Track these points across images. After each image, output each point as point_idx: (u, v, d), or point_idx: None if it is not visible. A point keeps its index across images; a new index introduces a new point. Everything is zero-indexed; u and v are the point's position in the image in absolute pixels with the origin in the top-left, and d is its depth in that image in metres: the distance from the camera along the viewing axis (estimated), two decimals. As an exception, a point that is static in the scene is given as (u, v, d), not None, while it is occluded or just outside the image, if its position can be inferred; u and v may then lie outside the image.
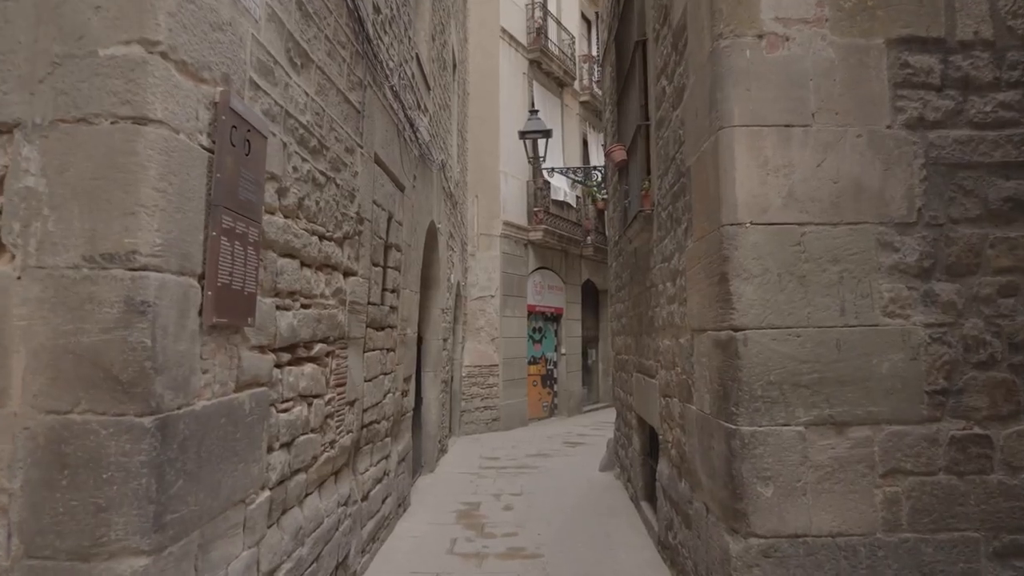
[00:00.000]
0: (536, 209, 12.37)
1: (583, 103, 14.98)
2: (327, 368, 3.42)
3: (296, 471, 2.96)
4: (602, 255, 14.67)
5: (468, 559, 4.47)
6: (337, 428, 3.58)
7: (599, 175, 7.68)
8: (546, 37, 12.90)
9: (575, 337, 14.23)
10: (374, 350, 4.37)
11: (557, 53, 13.42)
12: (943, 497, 2.55)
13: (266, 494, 2.59)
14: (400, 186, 5.04)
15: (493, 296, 11.56)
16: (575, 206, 13.87)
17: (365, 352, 4.13)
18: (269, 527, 2.65)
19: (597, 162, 7.95)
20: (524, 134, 7.95)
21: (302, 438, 3.02)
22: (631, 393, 5.85)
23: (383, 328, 4.63)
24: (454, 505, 5.95)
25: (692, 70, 3.15)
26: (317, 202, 3.17)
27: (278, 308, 2.73)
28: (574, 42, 14.51)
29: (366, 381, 4.16)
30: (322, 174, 3.23)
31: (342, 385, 3.66)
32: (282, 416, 2.78)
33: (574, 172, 8.88)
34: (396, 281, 5.02)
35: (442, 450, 8.46)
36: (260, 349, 2.54)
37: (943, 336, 2.61)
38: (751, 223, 2.64)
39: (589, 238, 14.06)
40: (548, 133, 7.87)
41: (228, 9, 2.20)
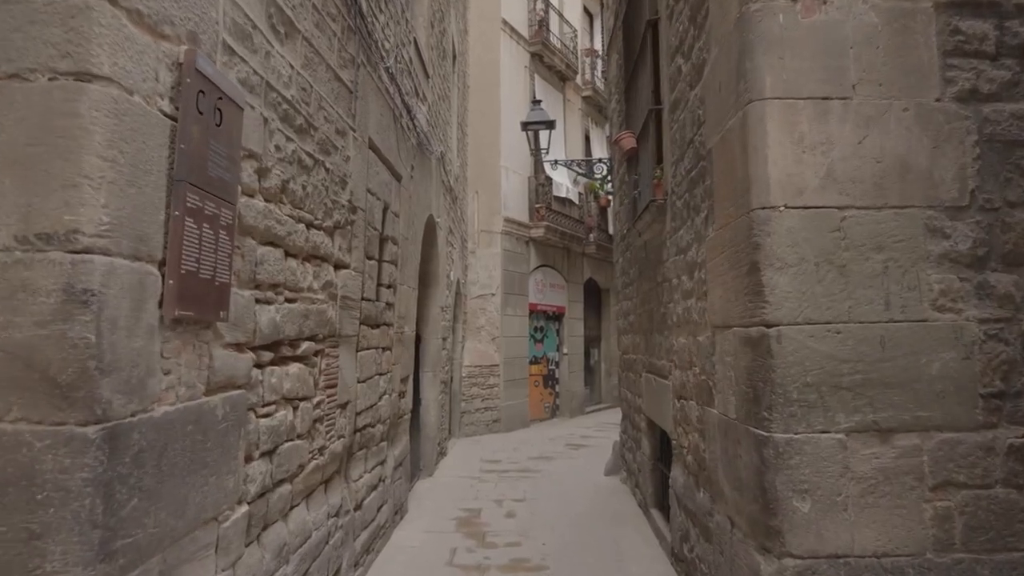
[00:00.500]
0: (538, 205, 12.10)
1: (585, 98, 14.71)
2: (316, 368, 3.15)
3: (280, 482, 2.69)
4: (605, 253, 14.40)
5: (468, 572, 4.20)
6: (327, 433, 3.31)
7: (605, 167, 7.40)
8: (548, 30, 12.63)
9: (577, 337, 13.95)
10: (368, 349, 4.10)
11: (559, 46, 13.15)
12: (1001, 513, 2.28)
13: (243, 509, 2.32)
14: (397, 175, 4.77)
15: (494, 294, 11.29)
16: (577, 203, 13.60)
17: (358, 351, 3.86)
18: (248, 545, 2.37)
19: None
20: (526, 125, 7.67)
21: (286, 445, 2.75)
22: (640, 395, 5.57)
23: (378, 326, 4.36)
24: (454, 512, 5.67)
25: (714, 42, 2.88)
26: (304, 186, 2.90)
27: (258, 302, 2.46)
28: (576, 35, 14.24)
29: (359, 382, 3.89)
30: (309, 156, 2.96)
31: (333, 387, 3.39)
32: (263, 422, 2.51)
33: (578, 165, 8.59)
34: (392, 276, 4.75)
35: (441, 453, 8.19)
36: (236, 347, 2.27)
37: (999, 333, 2.33)
38: (785, 206, 2.36)
39: (592, 236, 13.78)
40: (551, 124, 7.60)
41: (195, -42, 1.93)
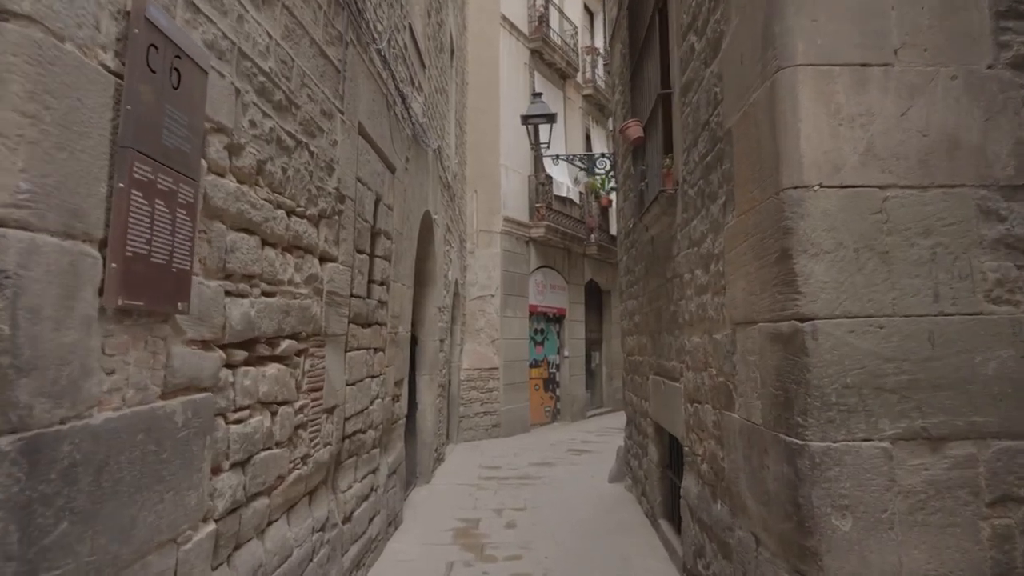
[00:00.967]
0: (538, 205, 11.84)
1: (586, 96, 14.47)
2: (298, 369, 2.88)
3: (255, 495, 2.42)
4: (606, 254, 14.15)
5: (466, 588, 3.93)
6: (311, 440, 3.04)
7: (608, 162, 7.15)
8: (548, 26, 12.39)
9: (578, 339, 13.68)
10: (359, 349, 3.83)
11: (559, 43, 12.91)
12: (1068, 532, 2.01)
13: (209, 528, 2.05)
14: (390, 166, 4.51)
15: (493, 295, 11.02)
16: (578, 203, 13.34)
17: (347, 352, 3.59)
18: (216, 568, 2.11)
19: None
20: (527, 118, 7.42)
21: (263, 455, 2.48)
22: (646, 398, 5.30)
23: (370, 325, 4.09)
24: (451, 522, 5.39)
25: (734, 10, 2.62)
26: (284, 169, 2.64)
27: (229, 294, 2.19)
28: (576, 33, 14.01)
29: (348, 385, 3.62)
30: (291, 136, 2.70)
31: (318, 390, 3.12)
32: (234, 429, 2.24)
33: (580, 160, 8.33)
34: (385, 273, 4.49)
35: (439, 459, 7.91)
36: (201, 344, 2.01)
37: (1063, 327, 2.07)
38: (820, 186, 2.10)
39: (593, 236, 13.52)
40: (552, 118, 7.35)
41: None
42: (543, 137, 7.65)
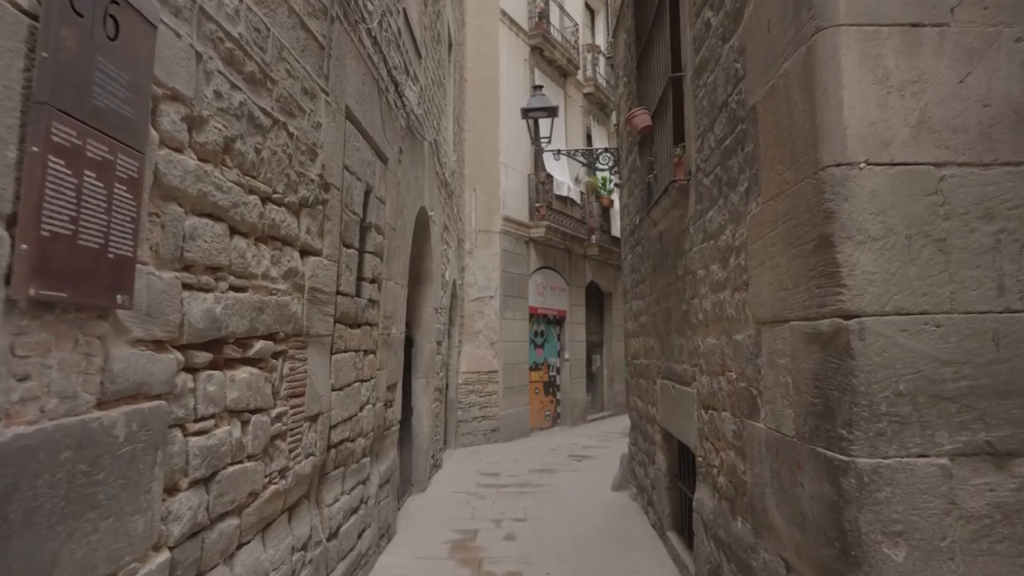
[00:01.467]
0: (538, 204, 11.56)
1: (587, 95, 14.20)
2: (275, 373, 2.60)
3: (221, 516, 2.14)
4: (607, 255, 13.88)
5: (462, 609, 3.64)
6: (291, 452, 2.76)
7: (612, 158, 6.89)
8: (548, 22, 12.12)
9: (579, 342, 13.39)
10: (347, 351, 3.55)
11: (560, 40, 12.64)
12: None
13: (162, 557, 1.77)
14: (382, 156, 4.23)
15: (492, 297, 10.73)
16: (579, 202, 13.06)
17: (333, 354, 3.32)
18: (171, 603, 1.82)
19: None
20: (527, 111, 7.15)
21: (231, 469, 2.20)
22: (653, 403, 5.02)
23: (359, 325, 3.81)
24: (447, 534, 5.11)
25: (760, -27, 2.36)
26: (257, 150, 2.36)
27: (188, 287, 1.92)
28: (578, 30, 13.75)
29: (335, 390, 3.34)
30: (266, 114, 2.42)
31: (299, 395, 2.85)
32: (195, 441, 1.97)
33: (582, 155, 8.06)
34: (377, 270, 4.21)
35: (435, 465, 7.62)
36: (152, 345, 1.73)
37: None
38: (867, 163, 1.83)
39: (594, 236, 13.23)
40: (554, 111, 7.08)
41: None
42: (543, 131, 7.38)
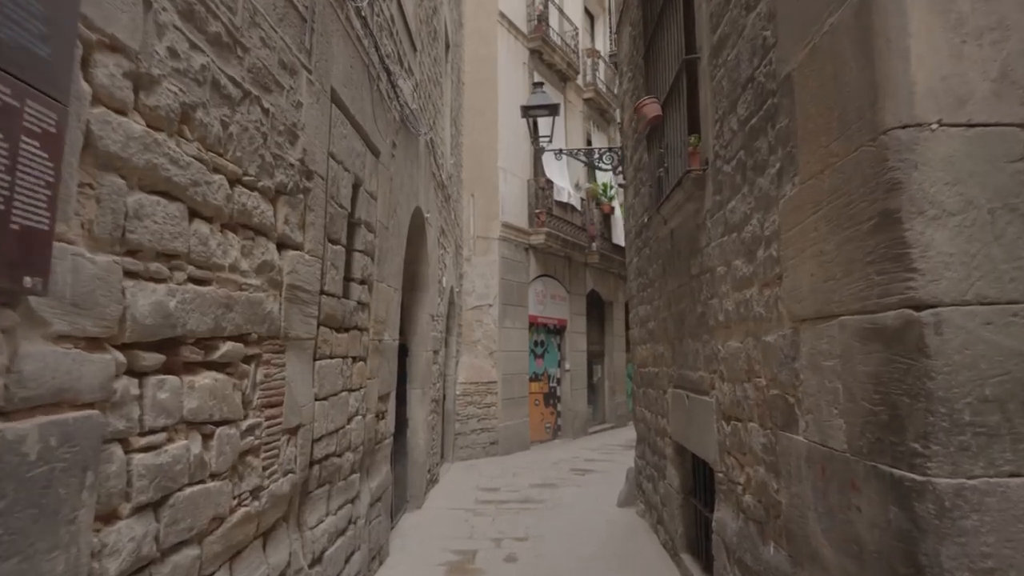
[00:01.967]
0: (538, 211, 11.28)
1: (587, 100, 13.98)
2: (246, 380, 2.29)
3: (176, 546, 1.82)
4: (608, 263, 13.60)
5: (459, 641, 3.31)
6: (266, 469, 2.44)
7: (615, 157, 6.62)
8: (548, 25, 11.91)
9: (580, 352, 13.07)
10: (332, 358, 3.24)
11: (560, 44, 12.43)
12: None
13: (92, 601, 1.45)
14: (373, 148, 3.95)
15: (491, 305, 10.43)
16: (579, 209, 12.79)
17: (317, 360, 3.01)
18: (106, 655, 1.50)
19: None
20: (527, 109, 6.88)
21: (189, 491, 1.88)
22: (664, 414, 4.71)
23: (347, 329, 3.51)
24: (444, 555, 4.77)
25: (796, -77, 2.08)
26: (225, 123, 2.07)
27: (132, 275, 1.61)
28: (577, 34, 13.54)
29: (318, 400, 3.03)
30: (235, 84, 2.13)
31: (276, 406, 2.53)
32: (140, 459, 1.65)
33: (584, 155, 7.80)
34: (367, 270, 3.91)
35: (432, 480, 7.28)
36: (82, 342, 1.42)
37: None
38: (940, 123, 1.54)
39: (595, 244, 12.95)
40: (555, 109, 6.82)
41: None
42: (544, 131, 7.11)
